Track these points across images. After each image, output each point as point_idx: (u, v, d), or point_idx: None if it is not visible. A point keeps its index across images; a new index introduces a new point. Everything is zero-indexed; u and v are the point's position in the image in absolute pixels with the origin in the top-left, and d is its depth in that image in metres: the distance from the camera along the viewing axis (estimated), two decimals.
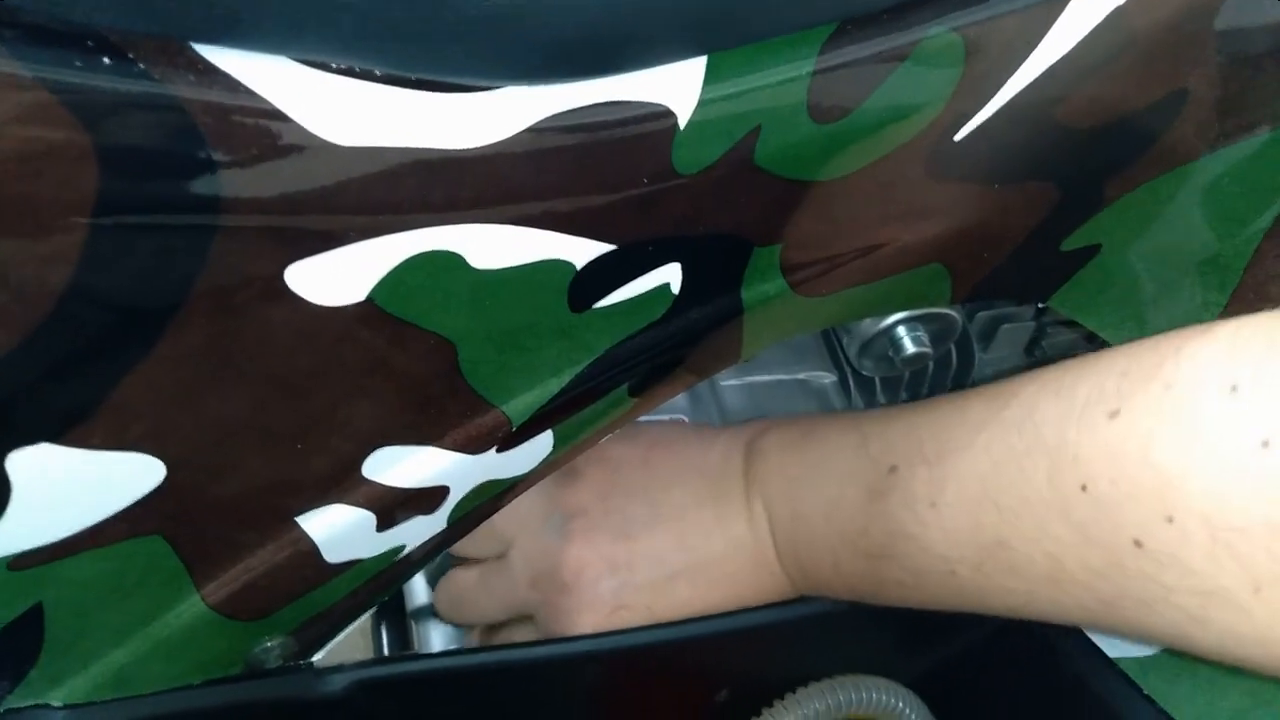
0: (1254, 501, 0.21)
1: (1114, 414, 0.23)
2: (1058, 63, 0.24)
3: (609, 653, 0.33)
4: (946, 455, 0.27)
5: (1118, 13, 0.24)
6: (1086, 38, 0.24)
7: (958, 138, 0.25)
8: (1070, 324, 0.40)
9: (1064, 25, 0.24)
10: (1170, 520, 0.22)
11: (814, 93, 0.22)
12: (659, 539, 0.33)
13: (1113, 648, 0.34)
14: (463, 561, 0.37)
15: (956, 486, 0.26)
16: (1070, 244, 0.30)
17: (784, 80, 0.22)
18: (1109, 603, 0.24)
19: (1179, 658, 0.33)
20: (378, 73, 0.19)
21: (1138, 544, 0.23)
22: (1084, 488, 0.24)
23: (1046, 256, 0.30)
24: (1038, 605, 0.27)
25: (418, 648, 0.42)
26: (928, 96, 0.24)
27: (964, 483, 0.26)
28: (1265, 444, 0.21)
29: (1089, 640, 0.35)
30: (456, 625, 0.40)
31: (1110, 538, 0.23)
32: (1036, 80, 0.24)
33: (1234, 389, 0.22)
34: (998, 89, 0.24)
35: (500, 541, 0.35)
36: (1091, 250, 0.31)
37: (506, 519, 0.34)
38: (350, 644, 0.34)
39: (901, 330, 0.36)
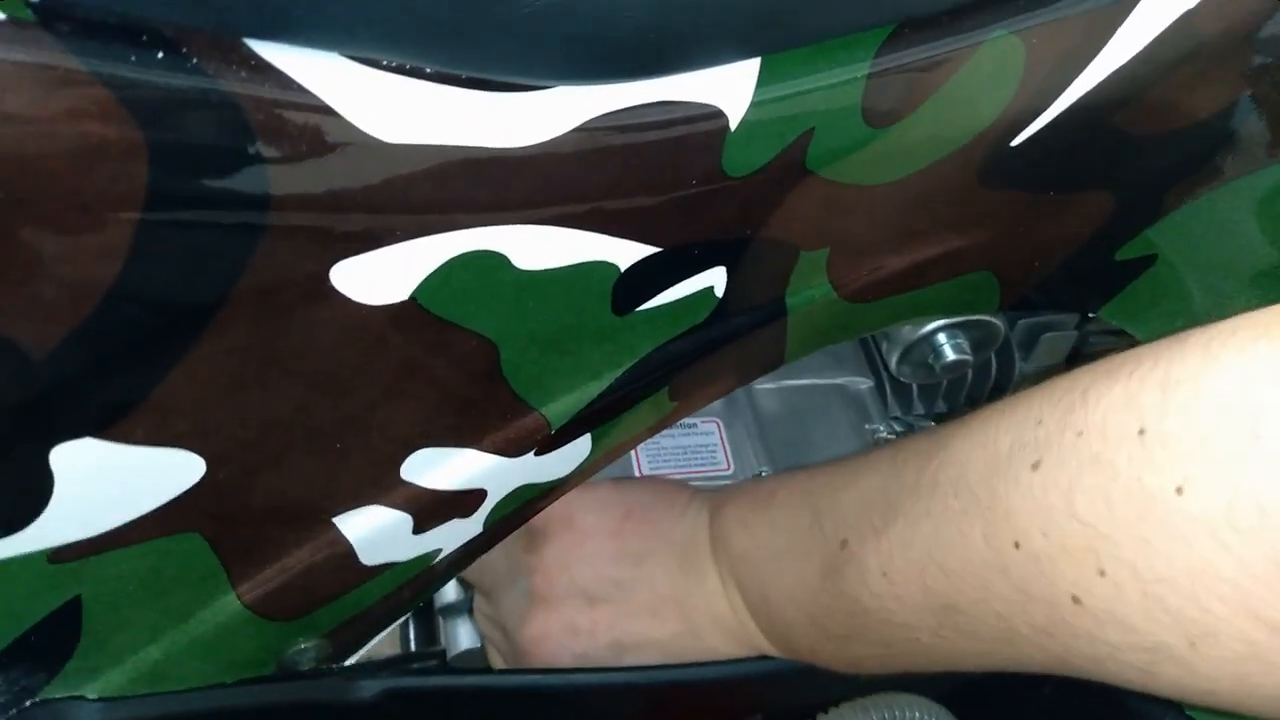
0: (1175, 549, 0.20)
1: (1036, 465, 0.23)
2: (1122, 67, 0.24)
3: (643, 686, 0.33)
4: (891, 523, 0.27)
5: (1187, 16, 0.23)
6: (1153, 42, 0.23)
7: (1014, 143, 0.24)
8: (1115, 333, 0.39)
9: (1130, 29, 0.23)
10: (1102, 574, 0.22)
11: (869, 96, 0.22)
12: (628, 610, 0.33)
13: None
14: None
15: (903, 553, 0.26)
16: (1125, 253, 0.29)
17: (838, 83, 0.22)
18: (1061, 660, 0.24)
19: None
20: (428, 70, 0.19)
21: (1076, 600, 0.22)
22: (1017, 544, 0.23)
23: (1100, 266, 0.29)
24: (1001, 662, 0.26)
25: (445, 644, 0.42)
26: (985, 101, 0.23)
27: (909, 549, 0.26)
28: (1179, 490, 0.20)
29: None
30: None
31: (1050, 594, 0.23)
32: (1099, 85, 0.24)
33: (1141, 433, 0.21)
34: (1058, 94, 0.24)
35: (484, 586, 0.36)
36: (1147, 260, 0.30)
37: (481, 571, 0.34)
38: (378, 638, 0.34)
39: (942, 337, 0.35)
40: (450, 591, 0.40)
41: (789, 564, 0.30)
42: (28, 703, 0.24)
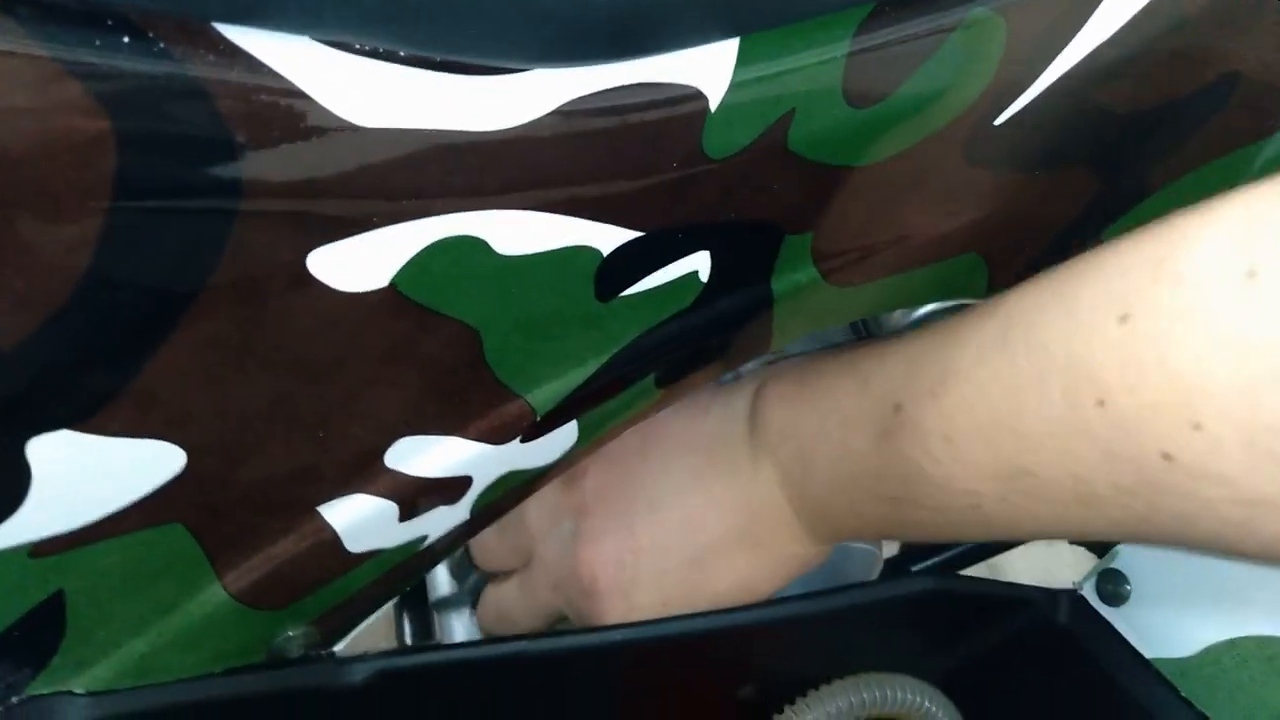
0: None
1: (1124, 318, 0.21)
2: (1104, 44, 0.23)
3: (632, 644, 0.33)
4: (952, 386, 0.25)
5: None
6: (1135, 18, 0.23)
7: (997, 122, 0.24)
8: None
9: (1113, 4, 0.23)
10: (1198, 428, 0.20)
11: (849, 76, 0.22)
12: (661, 529, 0.32)
13: (1149, 648, 0.34)
14: (494, 576, 0.37)
15: (968, 418, 0.25)
16: (1112, 233, 0.29)
17: (818, 63, 0.21)
18: (1145, 518, 0.23)
19: (1218, 661, 0.32)
20: (402, 54, 0.19)
21: (1167, 457, 0.21)
22: (1101, 403, 0.22)
23: (1087, 247, 0.29)
24: (1070, 527, 0.25)
25: (440, 638, 0.42)
26: (968, 79, 0.23)
27: (975, 413, 0.24)
28: None
29: (1124, 640, 0.34)
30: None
31: (1137, 453, 0.21)
32: (1081, 62, 0.23)
33: (1251, 274, 0.19)
34: (1041, 71, 0.23)
35: (523, 552, 0.35)
36: None
37: (523, 529, 0.34)
38: (372, 634, 0.33)
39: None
40: (444, 585, 0.40)
41: (835, 430, 0.29)
42: (14, 699, 0.24)
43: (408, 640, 0.45)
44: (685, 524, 0.32)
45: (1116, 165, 0.27)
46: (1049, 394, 0.23)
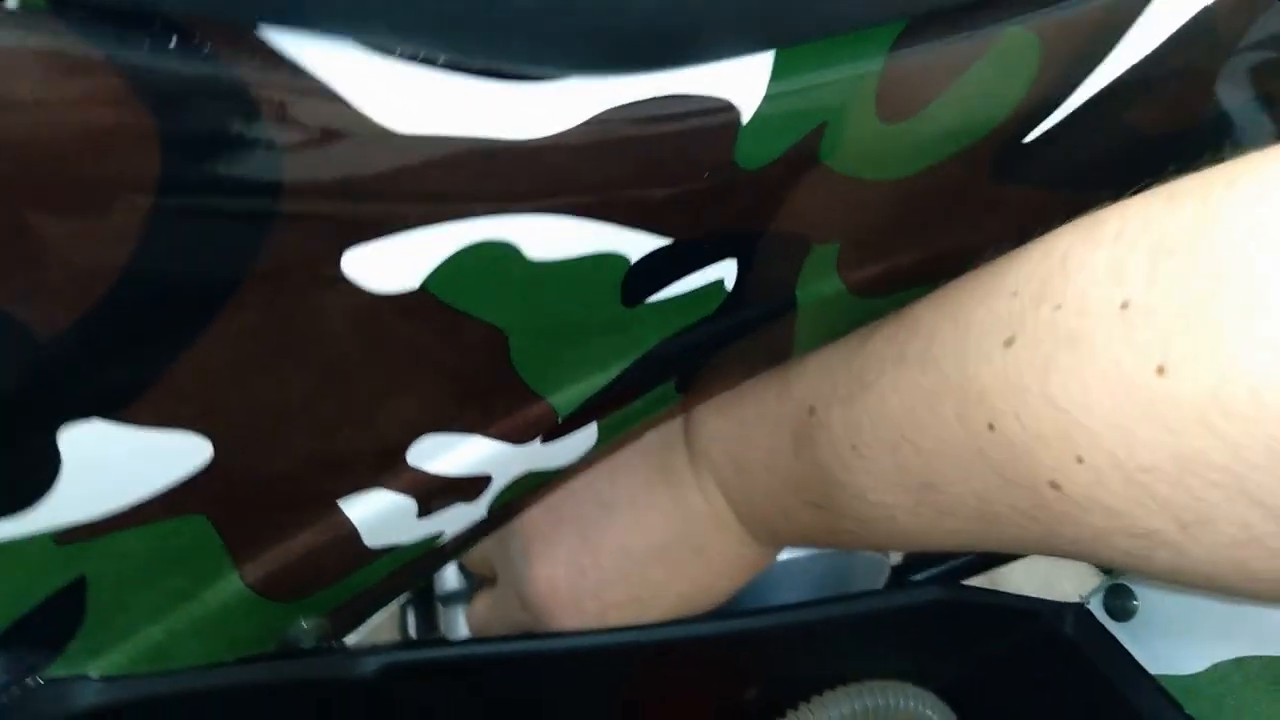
0: (1159, 436, 0.18)
1: (1009, 341, 0.21)
2: (1136, 64, 0.23)
3: (639, 645, 0.33)
4: (857, 394, 0.25)
5: (1205, 14, 0.23)
6: (1169, 40, 0.23)
7: (1027, 140, 0.24)
8: None
9: (1146, 26, 0.23)
10: (1081, 461, 0.20)
11: (882, 91, 0.22)
12: (618, 530, 0.32)
13: (1155, 664, 0.34)
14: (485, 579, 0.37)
15: (872, 428, 0.24)
16: None
17: (852, 77, 0.21)
18: (1045, 540, 0.22)
19: (1225, 680, 0.33)
20: (440, 60, 0.19)
21: (1054, 486, 0.20)
22: (991, 426, 0.21)
23: None
24: (985, 542, 0.25)
25: (445, 632, 0.42)
26: (1000, 97, 0.23)
27: (878, 425, 0.24)
28: (1160, 370, 0.18)
29: (1129, 656, 0.34)
30: None
31: (1028, 479, 0.21)
32: (1113, 82, 0.24)
33: (1125, 305, 0.19)
34: (1072, 90, 0.24)
35: (491, 566, 0.35)
36: None
37: (483, 552, 0.33)
38: (377, 626, 0.34)
39: None
40: (451, 580, 0.40)
41: (762, 434, 0.29)
42: (30, 681, 0.24)
43: (412, 633, 0.46)
44: (639, 526, 0.32)
45: (1143, 187, 0.27)
46: (944, 413, 0.22)
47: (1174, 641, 0.35)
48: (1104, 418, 0.19)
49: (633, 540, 0.32)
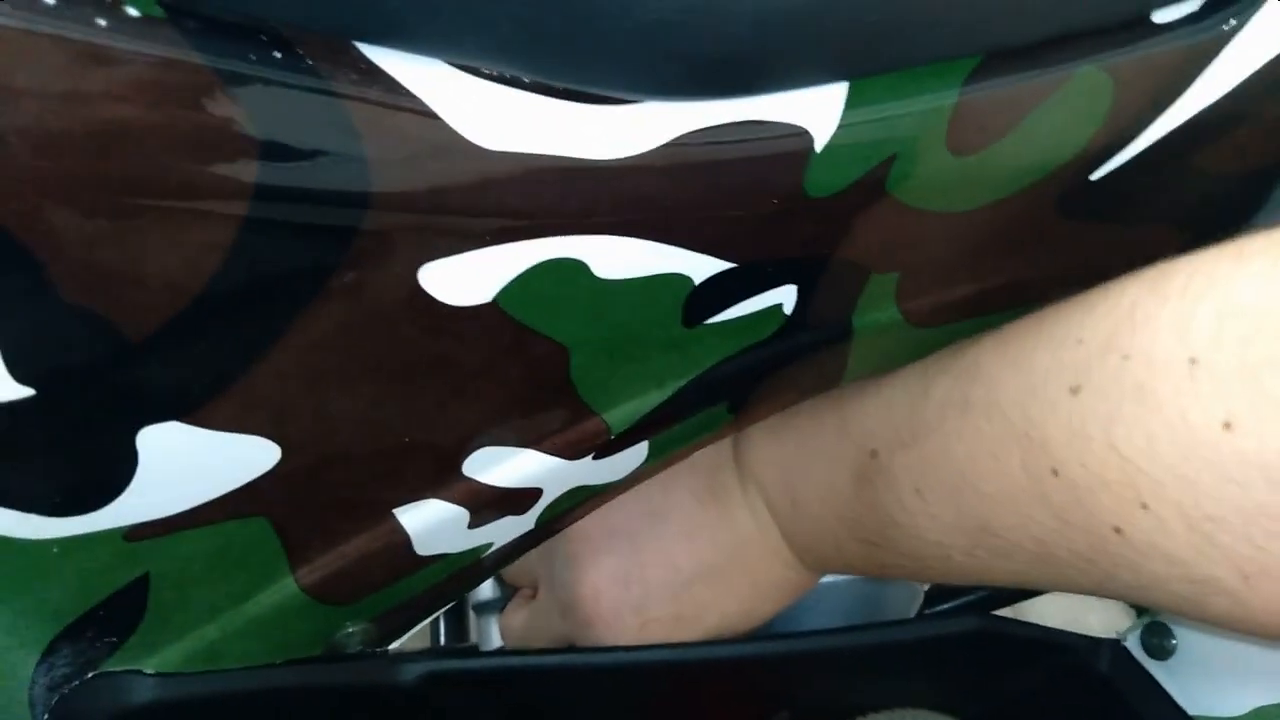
0: (1225, 488, 0.19)
1: (1075, 390, 0.21)
2: (1209, 107, 0.24)
3: (673, 664, 0.33)
4: (920, 438, 0.25)
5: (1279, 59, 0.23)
6: (1243, 84, 0.23)
7: (1094, 177, 0.24)
8: None
9: (1221, 69, 0.23)
10: (1145, 508, 0.20)
11: (954, 124, 0.22)
12: (667, 544, 0.32)
13: (1194, 705, 0.34)
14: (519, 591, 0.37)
15: (935, 473, 0.25)
16: None
17: (925, 110, 0.22)
18: (1102, 584, 0.23)
19: None
20: (526, 80, 0.19)
21: (1118, 531, 0.21)
22: (1055, 472, 0.22)
23: None
24: (1039, 584, 0.25)
25: (477, 641, 0.42)
26: (1070, 135, 0.23)
27: (941, 469, 0.25)
28: (1227, 425, 0.19)
29: (1166, 695, 0.34)
30: None
31: (1090, 524, 0.22)
32: (1185, 124, 0.24)
33: (1192, 361, 0.19)
34: (1143, 130, 0.24)
35: (534, 579, 0.35)
36: None
37: (528, 560, 0.33)
38: (409, 633, 0.34)
39: None
40: (486, 589, 0.41)
41: (819, 468, 0.29)
42: (90, 674, 0.25)
43: (443, 640, 0.46)
44: (690, 543, 0.32)
45: (1203, 226, 0.27)
46: (1008, 459, 0.23)
47: (1214, 682, 0.34)
48: (1170, 468, 0.20)
49: (681, 557, 0.32)
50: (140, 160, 0.16)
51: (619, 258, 0.22)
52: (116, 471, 0.21)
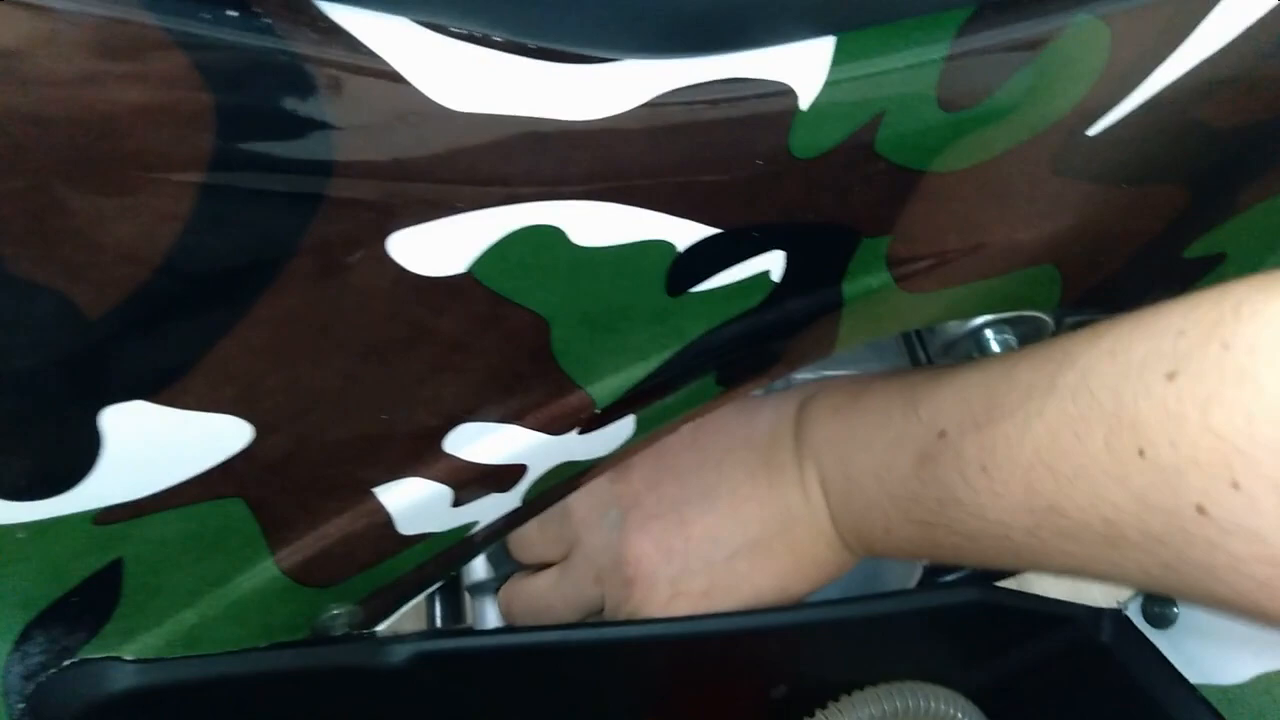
0: None
1: (1171, 375, 0.22)
2: (1210, 57, 0.23)
3: (670, 639, 0.33)
4: (997, 419, 0.26)
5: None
6: (1245, 32, 0.22)
7: (1091, 132, 0.24)
8: None
9: (1220, 18, 0.22)
10: (1236, 487, 0.21)
11: (945, 79, 0.21)
12: (714, 519, 0.32)
13: (1195, 673, 0.33)
14: (526, 567, 0.37)
15: (1008, 451, 0.26)
16: (1194, 251, 0.28)
17: (915, 64, 0.21)
18: (1171, 567, 0.24)
19: (1269, 692, 0.32)
20: (497, 38, 0.18)
21: (1200, 510, 0.22)
22: (1142, 453, 0.23)
23: (1167, 264, 0.28)
24: (1096, 568, 0.26)
25: (472, 623, 0.42)
26: (1066, 87, 0.22)
27: (1016, 448, 0.25)
28: None
29: (1167, 663, 0.34)
30: None
31: (1171, 503, 0.22)
32: (1185, 74, 0.23)
33: None
34: (1141, 81, 0.23)
35: (564, 543, 0.35)
36: (1215, 260, 0.29)
37: (567, 519, 0.34)
38: (403, 615, 0.33)
39: (989, 332, 0.34)
40: (479, 570, 0.40)
41: (879, 447, 0.30)
42: (65, 662, 0.24)
43: (438, 623, 0.45)
44: (737, 516, 0.32)
45: (1209, 182, 0.26)
46: (1092, 439, 0.24)
47: (1215, 651, 0.34)
48: (1268, 445, 0.21)
49: (726, 529, 0.32)
50: (87, 126, 0.16)
51: (598, 224, 0.22)
52: (80, 453, 0.20)
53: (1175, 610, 0.35)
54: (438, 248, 0.20)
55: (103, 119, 0.16)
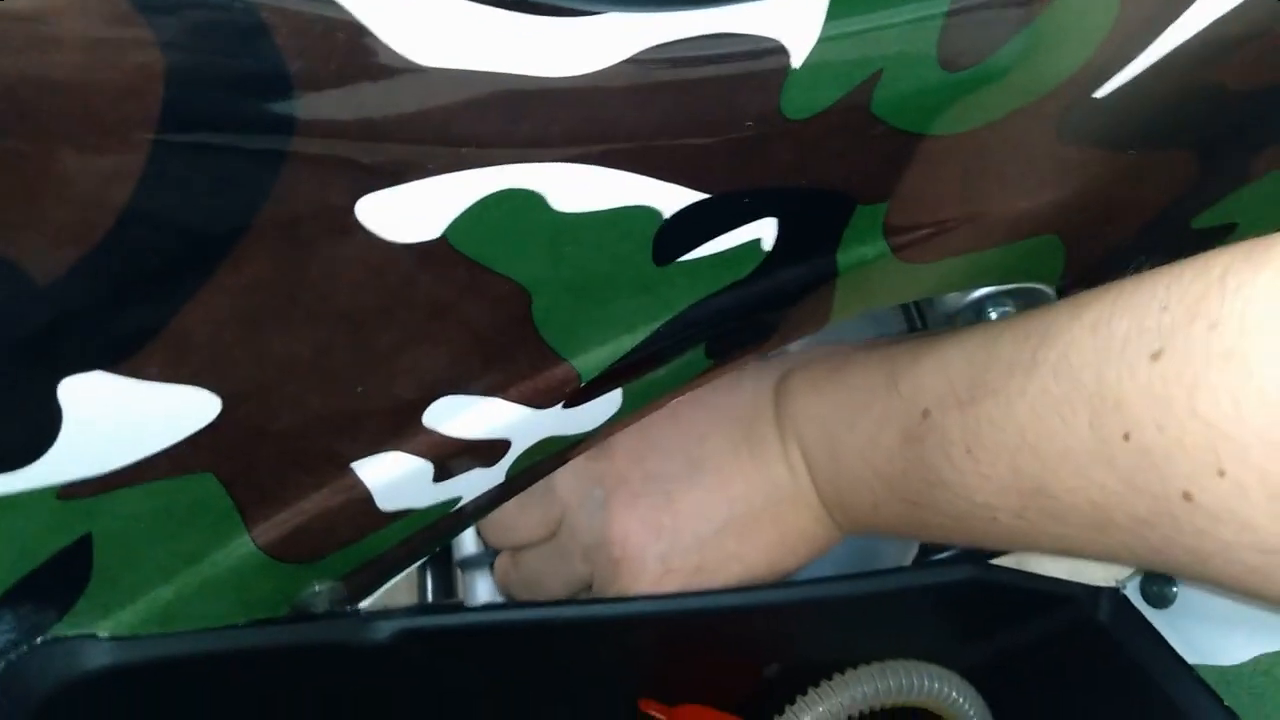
0: None
1: (1156, 355, 0.21)
2: (1226, 14, 0.21)
3: (661, 616, 0.32)
4: (980, 399, 0.25)
5: None
6: None
7: (1098, 94, 0.23)
8: None
9: None
10: (1222, 474, 0.20)
11: (946, 36, 0.20)
12: (700, 493, 0.32)
13: (1193, 654, 0.33)
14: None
15: (992, 432, 0.25)
16: (1202, 222, 0.27)
17: (915, 19, 0.20)
18: (1160, 551, 0.23)
19: (1269, 673, 0.31)
20: None
21: (1187, 497, 0.21)
22: (1127, 436, 0.22)
23: (1175, 234, 0.27)
24: (1087, 549, 0.25)
25: (463, 597, 0.41)
26: (1073, 45, 0.21)
27: (1000, 429, 0.25)
28: None
29: (1165, 643, 0.33)
30: None
31: (1158, 488, 0.22)
32: (1200, 32, 0.22)
33: None
34: (1153, 39, 0.22)
35: (550, 522, 0.34)
36: (1225, 230, 0.28)
37: (551, 498, 0.33)
38: (395, 590, 0.33)
39: (989, 305, 0.34)
40: (469, 544, 0.40)
41: (864, 425, 0.29)
42: (38, 640, 0.24)
43: (429, 598, 0.45)
44: (724, 491, 0.32)
45: (1219, 148, 0.25)
46: (1076, 420, 0.23)
47: (1214, 631, 0.34)
48: (1256, 432, 0.20)
49: (713, 506, 0.32)
50: (27, 84, 0.15)
51: (579, 189, 0.21)
52: (39, 427, 0.19)
53: (1174, 590, 0.35)
54: (410, 212, 0.19)
55: (44, 75, 0.15)
